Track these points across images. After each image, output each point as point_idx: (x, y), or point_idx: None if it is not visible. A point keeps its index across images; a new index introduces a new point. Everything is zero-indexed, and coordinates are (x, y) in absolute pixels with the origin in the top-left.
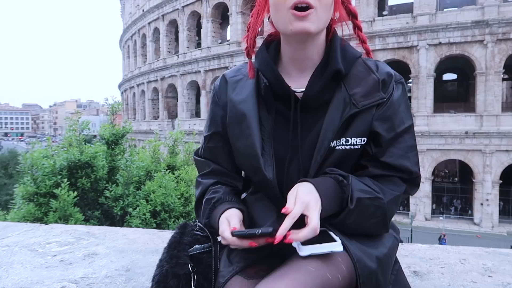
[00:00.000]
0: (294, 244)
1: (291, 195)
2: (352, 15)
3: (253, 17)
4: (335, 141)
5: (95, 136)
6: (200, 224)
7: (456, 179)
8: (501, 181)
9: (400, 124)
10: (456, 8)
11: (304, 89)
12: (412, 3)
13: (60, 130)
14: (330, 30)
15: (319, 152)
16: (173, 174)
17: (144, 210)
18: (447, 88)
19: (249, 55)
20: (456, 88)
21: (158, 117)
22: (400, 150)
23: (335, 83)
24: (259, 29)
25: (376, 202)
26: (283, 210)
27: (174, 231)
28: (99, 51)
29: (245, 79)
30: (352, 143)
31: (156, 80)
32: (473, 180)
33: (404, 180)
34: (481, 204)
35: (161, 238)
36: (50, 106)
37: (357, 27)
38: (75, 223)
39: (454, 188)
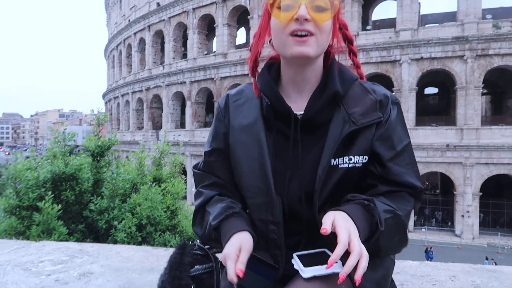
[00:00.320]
0: (296, 266)
1: (327, 219)
2: (348, 41)
3: (255, 38)
4: (338, 159)
5: (77, 146)
6: (199, 244)
7: (437, 191)
8: (481, 193)
9: (399, 142)
10: (437, 24)
11: (302, 111)
12: (395, 18)
13: (41, 140)
14: (328, 55)
15: (321, 168)
16: (159, 186)
17: (129, 224)
18: (428, 102)
19: (253, 75)
20: (438, 101)
21: (143, 127)
22: (402, 168)
23: (334, 104)
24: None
25: (397, 220)
26: (322, 231)
27: (173, 249)
28: (82, 60)
29: (249, 102)
30: (355, 161)
31: (141, 91)
32: (454, 192)
33: (411, 195)
34: (462, 216)
35: (156, 256)
36: (31, 116)
37: (352, 53)
38: (58, 237)
39: (436, 200)
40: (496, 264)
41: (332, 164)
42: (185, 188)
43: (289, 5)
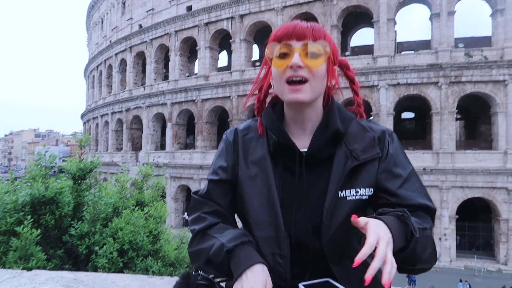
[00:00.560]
0: None
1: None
2: (350, 81)
3: (262, 80)
4: (345, 191)
5: (52, 168)
6: (203, 274)
7: None
8: (457, 216)
9: (404, 170)
10: (412, 52)
11: (305, 148)
12: (373, 45)
13: (15, 161)
14: (328, 94)
15: (328, 201)
16: (142, 210)
17: (111, 249)
18: (405, 126)
19: (258, 114)
20: (414, 126)
21: (122, 148)
22: (413, 192)
23: (335, 141)
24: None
25: (426, 233)
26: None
27: (172, 278)
28: (60, 80)
29: (257, 138)
30: (362, 193)
31: (121, 111)
32: None
33: (427, 214)
34: (440, 238)
35: (152, 284)
36: (5, 135)
37: (354, 92)
38: (36, 263)
39: None
40: (470, 287)
41: (339, 196)
42: (167, 212)
43: (285, 53)
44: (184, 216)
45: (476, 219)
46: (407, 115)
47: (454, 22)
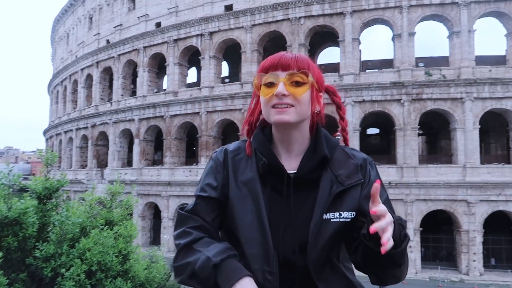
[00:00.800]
0: None
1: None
2: (337, 106)
3: (252, 105)
4: (329, 214)
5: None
6: None
7: None
8: (421, 229)
9: (382, 197)
10: (376, 70)
11: (292, 170)
12: (339, 63)
13: None
14: (314, 120)
15: (314, 222)
16: (111, 230)
17: (78, 271)
18: (371, 142)
19: (248, 136)
20: (379, 141)
21: (86, 165)
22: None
23: (321, 165)
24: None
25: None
26: (373, 203)
27: None
28: (21, 95)
29: (246, 159)
30: (345, 216)
31: (86, 127)
32: None
33: None
34: None
35: None
36: None
37: (340, 117)
38: None
39: None
40: None
41: (324, 218)
42: (137, 230)
43: (271, 82)
44: (150, 234)
45: (439, 231)
46: (372, 130)
47: (415, 42)
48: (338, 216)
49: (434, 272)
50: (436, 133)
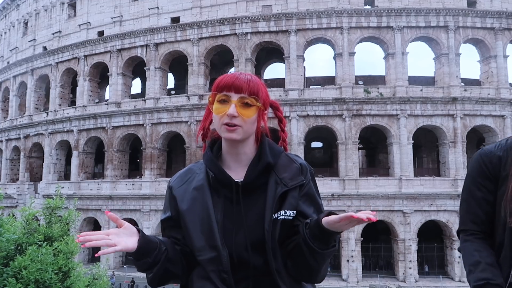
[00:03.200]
0: None
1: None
2: (279, 119)
3: (202, 120)
4: (276, 213)
5: None
6: None
7: None
8: (362, 239)
9: (317, 202)
10: (319, 86)
11: (241, 179)
12: (284, 78)
13: None
14: (260, 132)
15: (267, 223)
16: (51, 246)
17: None
18: (315, 155)
19: (202, 140)
20: (323, 155)
21: (18, 179)
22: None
23: (267, 171)
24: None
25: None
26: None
27: None
28: None
29: (197, 176)
30: (289, 214)
31: (19, 138)
32: (340, 238)
33: None
34: (347, 260)
35: None
36: None
37: (281, 129)
38: None
39: None
40: None
41: (273, 217)
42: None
43: (224, 100)
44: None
45: (378, 241)
46: (316, 144)
47: (355, 61)
48: (284, 214)
49: (374, 280)
50: (375, 147)
